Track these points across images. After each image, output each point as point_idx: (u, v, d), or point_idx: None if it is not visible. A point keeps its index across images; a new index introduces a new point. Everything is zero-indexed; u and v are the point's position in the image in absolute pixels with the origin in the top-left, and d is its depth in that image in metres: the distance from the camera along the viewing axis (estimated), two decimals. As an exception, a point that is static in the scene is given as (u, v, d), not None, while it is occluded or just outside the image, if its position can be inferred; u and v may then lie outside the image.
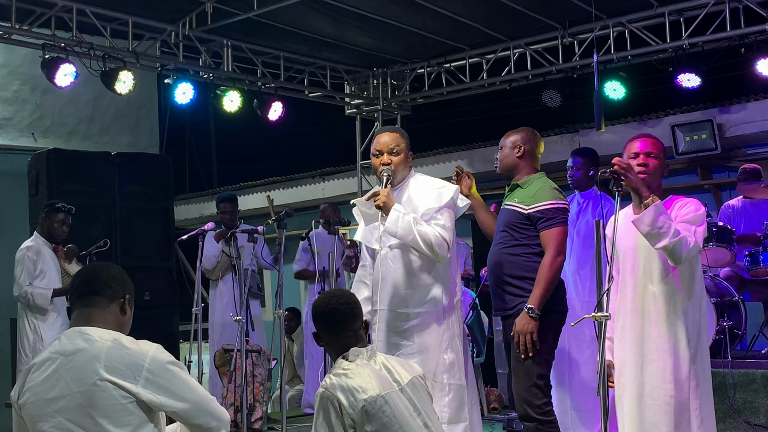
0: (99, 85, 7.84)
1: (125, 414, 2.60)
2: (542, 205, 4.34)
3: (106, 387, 2.59)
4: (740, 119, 8.81)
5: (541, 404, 4.22)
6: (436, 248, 4.17)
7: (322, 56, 9.29)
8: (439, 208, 4.29)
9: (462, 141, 11.17)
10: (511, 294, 4.36)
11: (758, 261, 6.77)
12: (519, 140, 4.62)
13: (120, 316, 2.81)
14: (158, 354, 2.70)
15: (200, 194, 14.13)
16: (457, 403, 4.24)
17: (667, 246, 3.61)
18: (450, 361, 4.27)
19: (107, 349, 2.64)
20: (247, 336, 6.75)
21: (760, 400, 6.10)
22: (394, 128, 4.61)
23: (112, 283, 2.81)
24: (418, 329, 4.27)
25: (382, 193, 4.24)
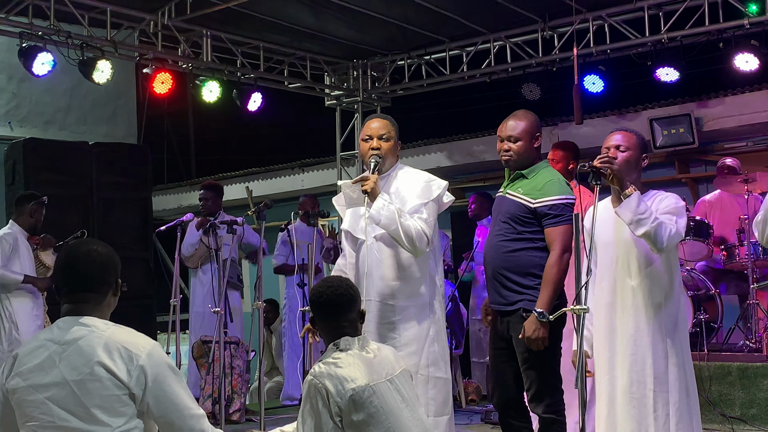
0: (77, 74, 7.77)
1: (119, 405, 2.59)
2: (550, 200, 4.13)
3: (101, 376, 2.58)
4: (718, 113, 8.88)
5: (552, 402, 4.14)
6: (417, 242, 4.17)
7: (303, 47, 9.25)
8: (426, 202, 4.27)
9: (442, 133, 11.18)
10: (511, 290, 4.21)
11: (734, 255, 6.83)
12: (535, 129, 4.30)
13: (113, 299, 2.81)
14: (156, 349, 2.69)
15: (179, 185, 14.05)
16: (442, 397, 4.25)
17: (648, 231, 3.65)
18: (435, 355, 4.26)
19: (107, 336, 2.64)
20: (226, 327, 6.73)
21: (736, 393, 6.17)
22: (385, 115, 4.50)
23: (103, 275, 2.76)
24: (405, 321, 4.26)
25: (371, 178, 4.20)
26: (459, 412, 7.07)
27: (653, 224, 3.64)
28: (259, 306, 5.63)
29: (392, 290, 4.28)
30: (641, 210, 3.65)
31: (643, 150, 3.99)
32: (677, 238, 3.74)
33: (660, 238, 3.67)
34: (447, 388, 4.29)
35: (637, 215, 3.65)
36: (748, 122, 8.69)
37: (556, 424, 4.16)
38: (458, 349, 7.73)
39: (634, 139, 3.96)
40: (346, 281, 3.41)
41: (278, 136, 16.52)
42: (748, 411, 6.09)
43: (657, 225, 3.65)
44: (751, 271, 6.59)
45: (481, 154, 10.30)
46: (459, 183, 10.48)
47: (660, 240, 3.67)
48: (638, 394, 3.78)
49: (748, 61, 7.55)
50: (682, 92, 9.24)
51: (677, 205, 3.82)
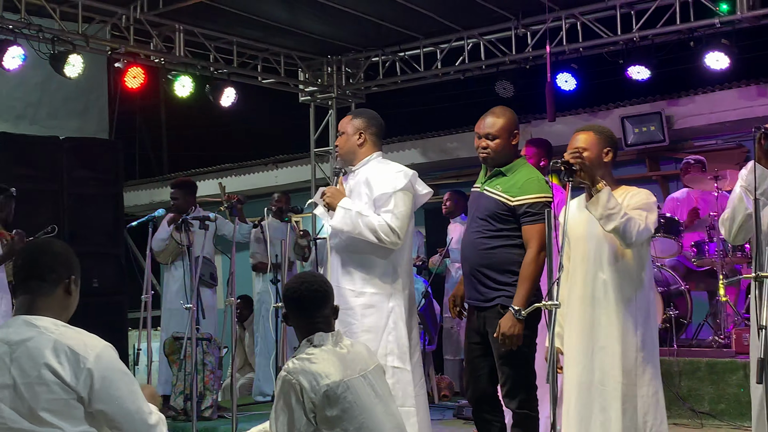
0: (48, 68, 7.69)
1: (67, 408, 2.56)
2: (529, 198, 4.15)
3: (48, 380, 2.54)
4: (688, 112, 8.97)
5: (526, 398, 4.18)
6: (383, 236, 4.23)
7: (276, 42, 9.22)
8: (393, 192, 4.30)
9: (416, 130, 11.20)
10: (488, 287, 4.23)
11: (704, 252, 6.90)
12: (513, 126, 4.30)
13: (65, 298, 2.75)
14: (104, 352, 2.64)
15: (150, 180, 13.97)
16: (400, 387, 4.26)
17: (617, 227, 3.68)
18: (393, 344, 4.30)
19: (55, 338, 2.60)
20: (198, 324, 6.70)
21: (705, 388, 6.24)
22: (356, 110, 4.64)
23: (55, 265, 2.74)
24: (364, 308, 4.32)
25: (327, 191, 4.37)
26: (432, 407, 7.05)
27: (622, 219, 3.68)
28: (231, 302, 5.61)
29: (353, 276, 4.35)
30: (611, 205, 3.68)
31: (603, 145, 3.95)
32: (646, 234, 3.77)
33: (629, 233, 3.70)
34: (405, 379, 4.31)
35: (607, 210, 3.68)
36: (718, 120, 8.79)
37: (530, 420, 4.19)
38: (431, 345, 7.74)
39: (592, 138, 3.95)
40: (320, 277, 3.42)
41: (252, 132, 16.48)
42: (717, 406, 6.16)
43: (626, 220, 3.68)
44: (720, 268, 6.66)
45: (455, 151, 10.33)
46: (433, 180, 10.49)
47: (629, 235, 3.70)
48: (608, 386, 3.81)
49: (719, 60, 7.62)
50: (653, 90, 9.32)
51: (648, 201, 3.85)
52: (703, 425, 6.04)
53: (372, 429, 3.08)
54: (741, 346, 6.14)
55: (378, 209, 4.30)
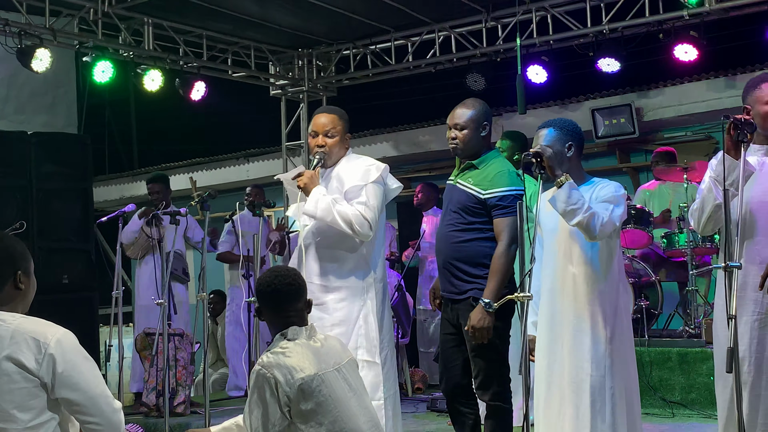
0: (15, 62, 7.60)
1: (29, 398, 2.54)
2: (500, 191, 4.16)
3: (9, 371, 2.53)
4: (658, 103, 9.04)
5: (499, 390, 4.19)
6: (357, 227, 4.23)
7: (246, 36, 9.17)
8: (364, 185, 4.30)
9: (388, 123, 11.19)
10: (461, 279, 4.24)
11: (674, 243, 6.96)
12: (482, 117, 4.28)
13: (16, 293, 2.72)
14: (66, 336, 2.63)
15: (120, 175, 13.85)
16: (369, 380, 4.24)
17: (581, 221, 3.69)
18: (363, 338, 4.31)
19: (13, 329, 2.59)
20: (170, 319, 6.66)
21: (676, 378, 6.29)
22: (334, 109, 4.50)
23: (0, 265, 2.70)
24: (335, 302, 4.32)
25: (305, 174, 4.30)
26: (405, 400, 7.10)
27: (585, 214, 3.68)
28: (203, 297, 5.58)
29: (325, 271, 4.34)
30: (573, 200, 3.68)
31: (566, 140, 3.89)
32: (610, 227, 3.77)
33: (592, 228, 3.70)
34: (376, 372, 4.31)
35: (569, 205, 3.68)
36: (687, 112, 8.87)
37: (503, 412, 4.21)
38: (405, 338, 7.75)
39: (553, 134, 3.90)
40: (293, 271, 3.41)
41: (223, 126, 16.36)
42: (687, 395, 6.22)
43: (590, 215, 3.68)
44: (690, 258, 6.72)
45: (427, 144, 10.34)
46: (405, 173, 10.50)
47: (592, 229, 3.71)
48: (577, 378, 3.83)
49: (687, 52, 7.69)
50: (623, 82, 9.38)
51: (616, 194, 3.85)
52: (674, 415, 6.10)
53: (346, 422, 3.07)
54: (711, 336, 6.18)
55: (350, 201, 4.29)
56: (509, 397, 4.25)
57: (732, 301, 3.06)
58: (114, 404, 2.70)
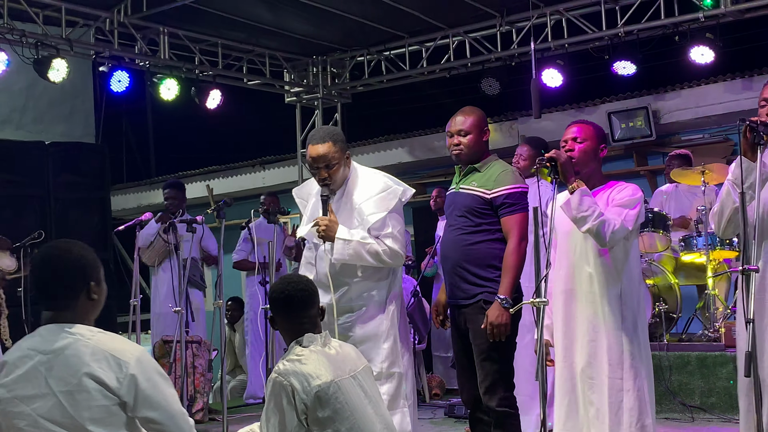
0: (32, 73, 7.65)
1: (107, 415, 2.53)
2: (505, 189, 4.16)
3: (89, 387, 2.51)
4: (674, 106, 8.99)
5: (505, 396, 4.13)
6: (388, 260, 4.25)
7: (261, 44, 9.20)
8: (386, 214, 4.28)
9: (402, 129, 11.19)
10: (470, 283, 4.19)
11: (692, 246, 6.90)
12: (483, 123, 4.36)
13: (89, 303, 2.70)
14: (144, 355, 2.63)
15: (138, 184, 13.92)
16: (394, 391, 4.25)
17: (591, 229, 3.69)
18: (389, 350, 4.28)
19: (93, 345, 2.57)
20: (187, 327, 6.67)
21: (695, 382, 6.25)
22: (327, 135, 4.38)
23: (69, 281, 2.67)
24: (359, 321, 4.28)
25: (321, 223, 4.25)
26: (423, 406, 7.08)
27: (595, 222, 3.67)
28: (219, 305, 5.59)
29: (348, 291, 4.30)
30: (584, 207, 3.68)
31: (600, 140, 4.01)
32: (621, 233, 3.76)
33: (602, 235, 3.70)
34: (399, 382, 4.29)
35: (579, 213, 3.69)
36: (704, 114, 8.82)
37: (511, 418, 4.16)
38: (421, 344, 7.73)
39: (590, 130, 3.99)
40: (305, 278, 3.41)
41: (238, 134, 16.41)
42: (707, 400, 6.17)
43: (600, 222, 3.68)
44: (708, 262, 6.67)
45: (442, 149, 10.31)
46: (420, 178, 10.50)
47: (602, 237, 3.71)
48: (595, 380, 3.81)
49: (704, 54, 7.65)
50: (640, 85, 9.35)
51: (632, 197, 3.85)
52: (694, 419, 6.05)
53: (363, 429, 3.07)
54: (730, 340, 6.15)
55: (375, 232, 4.26)
56: (515, 403, 4.21)
57: (750, 305, 3.04)
58: (189, 421, 2.70)
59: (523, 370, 5.08)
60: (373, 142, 10.95)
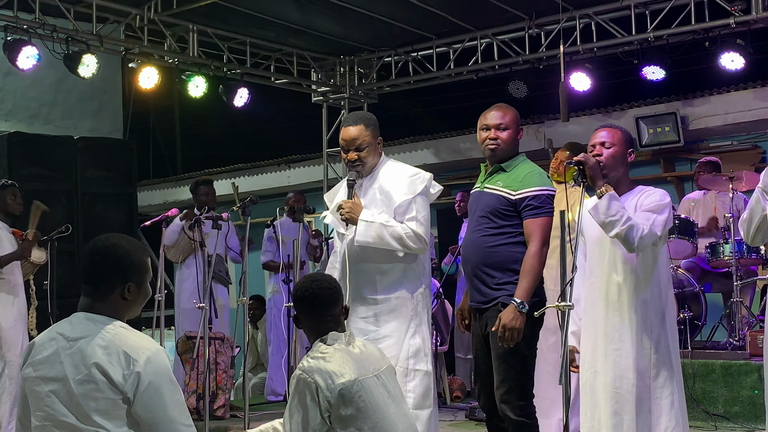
0: (62, 68, 7.72)
1: (114, 409, 2.57)
2: (531, 191, 4.04)
3: (97, 379, 2.56)
4: (703, 112, 8.92)
5: (523, 405, 4.03)
6: (411, 244, 4.19)
7: (289, 43, 9.23)
8: (412, 198, 4.25)
9: (428, 130, 11.20)
10: (489, 286, 4.10)
11: (719, 253, 6.85)
12: (519, 120, 4.25)
13: (121, 302, 2.72)
14: (158, 355, 2.64)
15: (164, 180, 14.00)
16: (422, 389, 4.22)
17: (619, 233, 3.65)
18: (416, 347, 4.24)
19: (110, 338, 2.61)
20: (211, 323, 6.71)
21: (719, 390, 6.20)
22: (360, 117, 4.36)
23: (109, 274, 2.70)
24: (385, 314, 4.25)
25: (345, 206, 4.23)
26: (444, 408, 7.08)
27: (623, 227, 3.63)
28: (243, 302, 5.62)
29: (374, 284, 4.27)
30: (612, 212, 3.64)
31: (628, 145, 3.98)
32: (650, 238, 3.72)
33: (631, 240, 3.66)
34: (428, 381, 4.25)
35: (608, 217, 3.65)
36: (733, 121, 8.75)
37: (528, 428, 4.04)
38: (443, 346, 7.73)
39: (618, 135, 3.95)
40: (329, 277, 3.43)
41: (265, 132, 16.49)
42: (731, 408, 6.12)
43: (628, 227, 3.64)
44: (735, 269, 6.62)
45: (468, 152, 10.31)
46: (445, 180, 10.48)
47: (631, 242, 3.67)
48: (621, 389, 3.79)
49: (734, 60, 7.59)
50: (668, 91, 9.28)
51: (660, 202, 3.81)
52: (717, 428, 6.00)
53: (386, 429, 3.07)
54: (756, 348, 6.10)
55: (400, 217, 4.23)
56: (533, 413, 4.08)
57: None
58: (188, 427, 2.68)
59: (546, 373, 5.05)
60: (399, 143, 10.95)
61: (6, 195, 6.45)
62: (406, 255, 4.27)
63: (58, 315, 6.50)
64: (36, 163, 8.04)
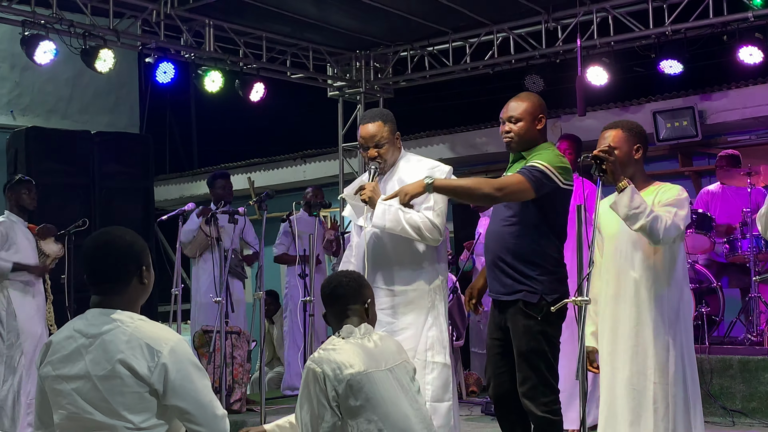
0: (79, 63, 7.75)
1: (140, 402, 2.58)
2: (538, 162, 3.99)
3: (122, 374, 2.56)
4: (721, 106, 8.86)
5: (548, 401, 4.01)
6: (427, 234, 4.18)
7: (305, 37, 9.23)
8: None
9: (444, 125, 11.17)
10: (511, 278, 4.08)
11: (736, 248, 6.82)
12: (538, 109, 4.16)
13: (140, 287, 2.75)
14: (180, 345, 2.65)
15: (180, 175, 14.05)
16: (440, 382, 4.21)
17: (644, 225, 3.63)
18: (433, 339, 4.24)
19: (130, 332, 2.61)
20: (227, 317, 6.73)
21: (737, 386, 6.17)
22: (377, 114, 4.37)
23: (122, 265, 2.71)
24: (403, 307, 4.25)
25: (367, 187, 4.22)
26: (460, 403, 7.06)
27: (648, 218, 3.61)
28: (259, 296, 5.63)
29: (392, 276, 4.28)
30: (635, 204, 3.62)
31: (633, 142, 3.88)
32: (674, 231, 3.70)
33: (656, 232, 3.64)
34: (447, 374, 4.25)
35: (631, 210, 3.62)
36: (751, 115, 8.69)
37: (553, 426, 4.02)
38: (459, 341, 7.73)
39: (619, 135, 3.87)
40: (356, 274, 3.48)
41: (280, 127, 16.50)
42: (748, 404, 6.09)
43: (652, 219, 3.62)
44: (753, 265, 6.58)
45: (484, 146, 10.29)
46: (461, 175, 10.40)
47: (656, 234, 3.65)
48: (639, 385, 3.77)
49: (752, 54, 7.54)
50: (686, 85, 9.23)
51: (679, 197, 3.79)
52: (735, 423, 5.98)
53: (397, 419, 3.08)
54: (774, 344, 6.07)
55: (418, 207, 4.22)
56: (558, 409, 4.06)
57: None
58: (220, 412, 2.72)
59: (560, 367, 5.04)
60: (415, 138, 10.94)
61: (20, 190, 6.49)
62: (424, 248, 4.27)
63: (75, 309, 6.55)
64: (53, 158, 8.09)
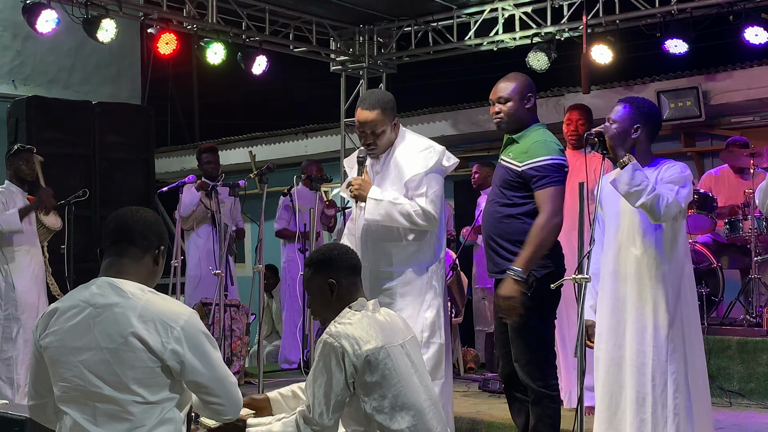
0: (81, 33, 7.70)
1: (152, 376, 2.56)
2: (536, 161, 4.00)
3: (135, 347, 2.54)
4: (726, 87, 8.82)
5: (542, 376, 4.05)
6: (420, 221, 4.19)
7: (309, 11, 9.17)
8: (424, 174, 4.24)
9: (447, 101, 11.13)
10: (501, 257, 4.10)
11: (738, 228, 6.80)
12: (526, 89, 4.17)
13: (152, 266, 2.75)
14: (192, 319, 2.64)
15: (181, 147, 14.03)
16: (434, 361, 4.24)
17: (645, 203, 3.61)
18: (431, 320, 4.27)
19: (142, 305, 2.59)
20: (226, 290, 6.73)
21: (735, 367, 6.18)
22: (377, 101, 4.30)
23: (147, 232, 2.72)
24: (400, 287, 4.27)
25: (354, 183, 4.25)
26: (457, 379, 7.08)
27: (649, 196, 3.60)
28: (259, 269, 5.62)
29: (389, 256, 4.29)
30: (636, 182, 3.60)
31: (635, 120, 3.84)
32: (675, 208, 3.69)
33: (657, 208, 3.62)
34: (441, 352, 4.28)
35: (632, 187, 3.61)
36: (756, 96, 8.65)
37: (547, 399, 4.06)
38: (458, 317, 7.73)
39: (624, 111, 3.84)
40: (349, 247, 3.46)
41: (282, 101, 16.46)
42: (746, 385, 6.10)
43: (654, 196, 3.61)
44: (754, 245, 6.57)
45: (486, 123, 10.24)
46: (463, 152, 10.44)
47: (657, 210, 3.63)
48: (638, 362, 3.77)
49: (758, 35, 7.48)
50: (691, 65, 9.19)
51: (682, 174, 3.77)
52: (732, 404, 5.99)
53: (408, 397, 3.08)
54: (773, 325, 6.07)
55: (411, 191, 4.23)
56: (554, 384, 4.11)
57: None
58: (235, 382, 2.74)
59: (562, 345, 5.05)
60: (417, 114, 10.90)
61: (19, 160, 6.46)
62: (420, 231, 4.27)
63: (75, 279, 6.54)
64: (54, 128, 8.05)
